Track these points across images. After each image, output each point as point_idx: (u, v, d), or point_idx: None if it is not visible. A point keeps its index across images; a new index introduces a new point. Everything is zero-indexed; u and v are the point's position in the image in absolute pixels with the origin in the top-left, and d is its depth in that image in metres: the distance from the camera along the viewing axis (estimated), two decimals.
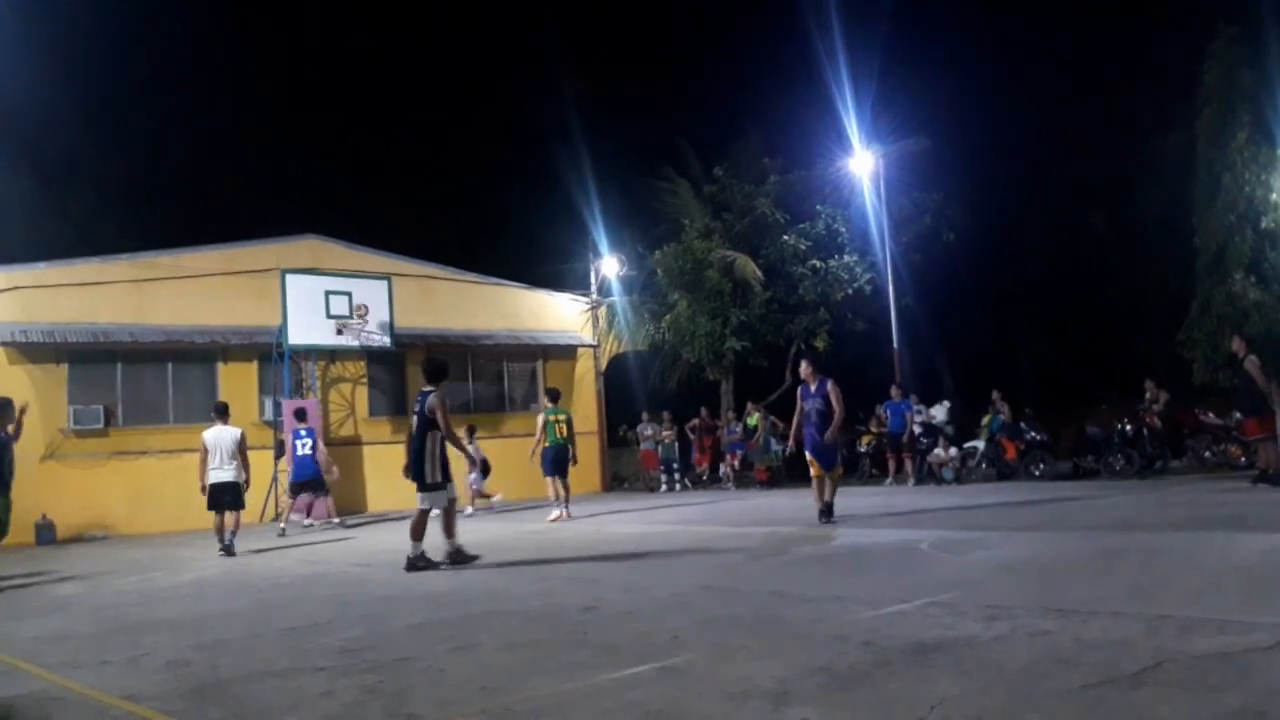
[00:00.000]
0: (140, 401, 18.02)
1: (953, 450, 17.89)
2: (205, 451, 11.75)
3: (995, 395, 18.25)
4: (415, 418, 9.10)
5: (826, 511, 10.87)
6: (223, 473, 11.74)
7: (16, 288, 17.31)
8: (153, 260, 18.87)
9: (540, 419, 14.77)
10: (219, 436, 11.88)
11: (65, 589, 9.43)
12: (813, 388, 11.05)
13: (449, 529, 9.10)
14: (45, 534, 16.35)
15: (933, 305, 24.58)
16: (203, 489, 11.75)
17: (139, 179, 33.09)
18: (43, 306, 17.48)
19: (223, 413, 12.24)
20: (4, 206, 27.40)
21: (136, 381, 18.24)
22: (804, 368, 11.25)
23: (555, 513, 14.20)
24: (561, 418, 14.69)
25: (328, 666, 4.94)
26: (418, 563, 8.75)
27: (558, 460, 14.50)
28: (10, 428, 10.06)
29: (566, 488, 14.54)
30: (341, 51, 44.09)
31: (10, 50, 25.99)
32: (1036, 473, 16.55)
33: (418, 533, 8.86)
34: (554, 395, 15.20)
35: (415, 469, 9.02)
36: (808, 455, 11.11)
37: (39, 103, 29.60)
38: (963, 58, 27.14)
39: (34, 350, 17.13)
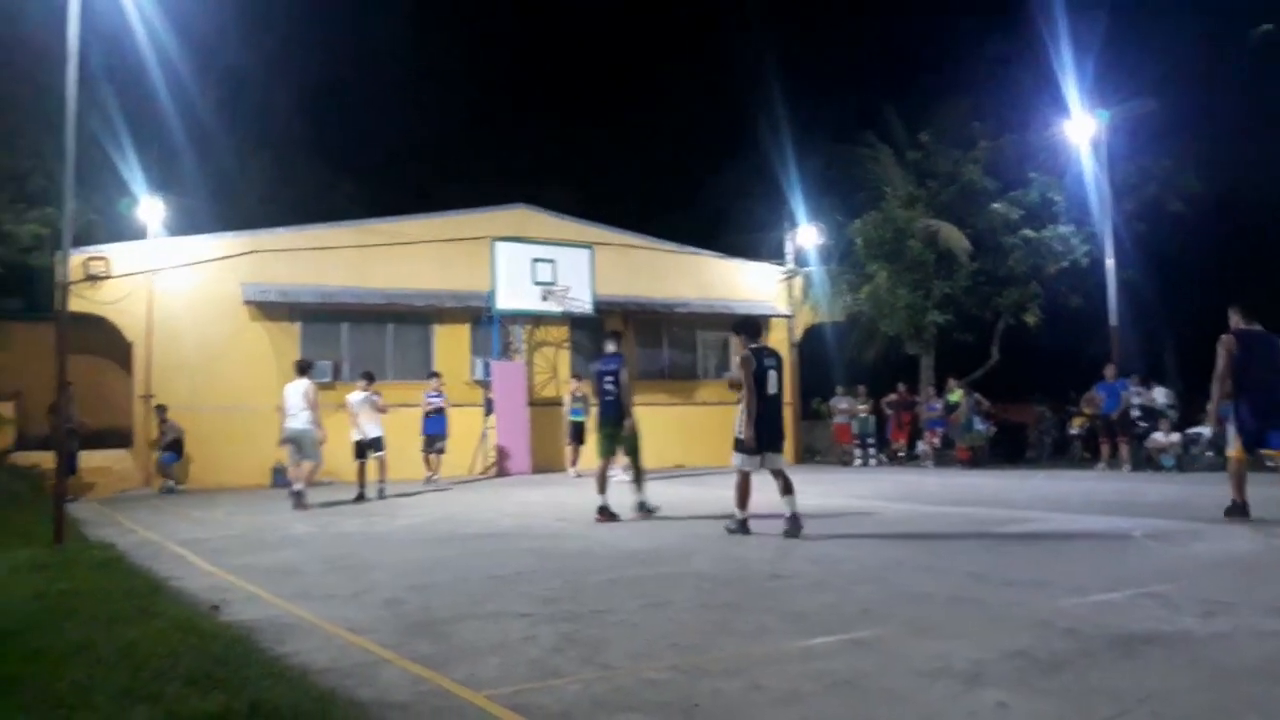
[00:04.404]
0: (363, 358, 19.28)
1: (1174, 435, 16.69)
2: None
3: None
4: (776, 374, 8.43)
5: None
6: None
7: (257, 251, 18.90)
8: (375, 227, 20.14)
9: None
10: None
11: (298, 528, 10.30)
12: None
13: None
14: (280, 478, 17.82)
15: (1158, 280, 22.90)
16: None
17: (365, 150, 35.22)
18: (279, 269, 19.01)
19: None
20: (246, 176, 29.95)
21: (360, 340, 19.59)
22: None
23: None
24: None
25: (529, 613, 5.22)
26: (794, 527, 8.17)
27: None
28: None
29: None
30: (544, 27, 45.23)
31: (247, 30, 28.30)
32: (1272, 464, 15.17)
33: (786, 488, 8.29)
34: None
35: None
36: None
37: (274, 80, 32.00)
38: (1200, 7, 24.76)
39: (271, 309, 18.69)
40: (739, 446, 8.32)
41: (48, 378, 10.99)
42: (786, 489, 8.28)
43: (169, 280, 18.15)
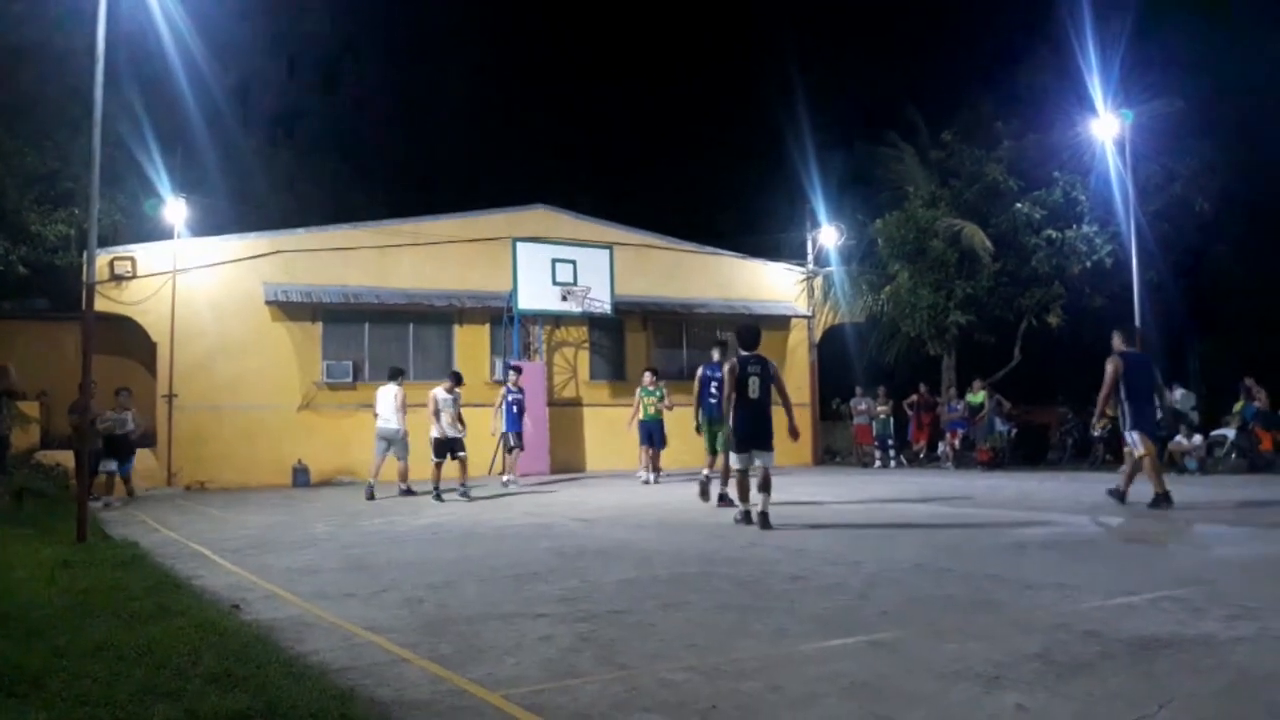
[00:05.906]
0: (384, 358, 19.34)
1: (1197, 438, 16.53)
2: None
3: (1249, 381, 16.73)
4: (758, 380, 9.06)
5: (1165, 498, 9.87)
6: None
7: (279, 252, 19.03)
8: (396, 227, 20.24)
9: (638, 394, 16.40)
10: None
11: (317, 528, 10.36)
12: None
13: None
14: (301, 477, 18.00)
15: (1182, 281, 22.64)
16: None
17: (386, 150, 35.42)
18: (301, 269, 19.13)
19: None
20: (268, 177, 30.18)
21: (381, 340, 19.68)
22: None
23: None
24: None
25: (547, 613, 5.23)
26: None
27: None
28: None
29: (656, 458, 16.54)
30: (566, 29, 45.34)
31: (269, 33, 28.53)
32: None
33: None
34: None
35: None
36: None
37: (295, 82, 32.25)
38: (1225, 6, 24.43)
39: (294, 309, 18.81)
40: (730, 446, 9.42)
41: (73, 378, 11.10)
42: (763, 487, 8.93)
43: (192, 280, 18.30)
